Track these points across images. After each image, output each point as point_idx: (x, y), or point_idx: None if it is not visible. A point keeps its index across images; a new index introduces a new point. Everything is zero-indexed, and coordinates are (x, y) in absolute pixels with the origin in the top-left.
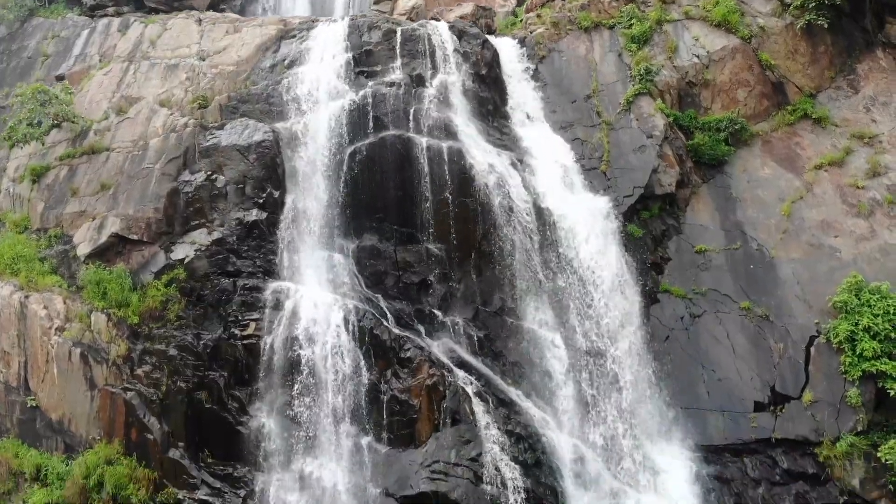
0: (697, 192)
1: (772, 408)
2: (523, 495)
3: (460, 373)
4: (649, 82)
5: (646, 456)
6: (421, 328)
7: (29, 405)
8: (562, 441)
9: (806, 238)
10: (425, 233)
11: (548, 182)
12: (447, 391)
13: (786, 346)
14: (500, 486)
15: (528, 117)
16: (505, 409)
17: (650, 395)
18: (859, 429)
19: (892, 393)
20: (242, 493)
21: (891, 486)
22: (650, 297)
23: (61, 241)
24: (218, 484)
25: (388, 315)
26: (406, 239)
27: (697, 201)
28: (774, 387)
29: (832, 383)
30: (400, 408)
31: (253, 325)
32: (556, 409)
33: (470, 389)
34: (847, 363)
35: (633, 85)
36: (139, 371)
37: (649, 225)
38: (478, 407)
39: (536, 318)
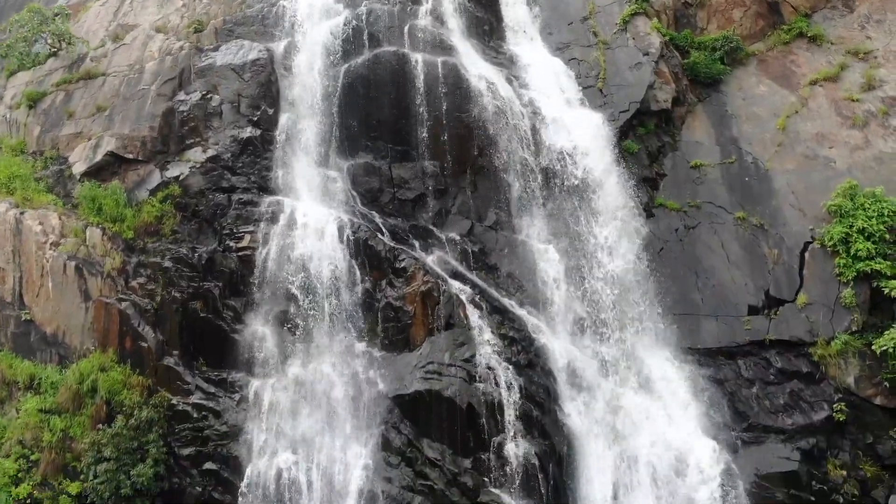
0: (693, 110)
1: (766, 311)
2: (516, 393)
3: (455, 283)
4: (645, 2)
5: (639, 360)
6: (416, 243)
7: (23, 319)
8: (555, 346)
9: (801, 150)
10: (420, 150)
11: (544, 98)
12: (441, 297)
13: (780, 252)
14: (493, 383)
15: (525, 37)
16: (499, 315)
17: (644, 303)
18: (854, 329)
19: (886, 291)
20: (237, 396)
21: (886, 384)
22: (646, 211)
23: (57, 162)
24: (212, 389)
25: (384, 230)
26: (401, 157)
27: (693, 119)
28: (769, 291)
29: (827, 286)
30: (394, 314)
31: (248, 237)
32: (550, 317)
33: (464, 297)
34: (841, 265)
35: (630, 5)
36: (134, 283)
37: (645, 141)
38: (472, 312)
39: (532, 232)
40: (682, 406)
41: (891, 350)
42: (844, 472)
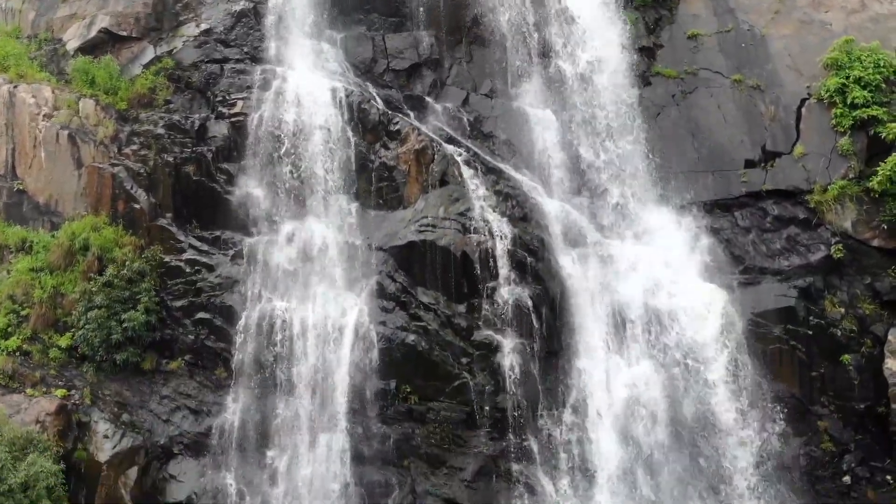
0: None
1: (762, 164)
2: (510, 242)
3: (449, 146)
4: None
5: (634, 214)
6: (410, 114)
7: (16, 189)
8: (550, 204)
9: (797, 16)
10: (415, 19)
11: None
12: (436, 155)
13: (776, 110)
14: (487, 234)
15: None
16: (494, 175)
17: (641, 162)
18: (851, 176)
19: (884, 135)
20: (230, 253)
21: (884, 226)
22: (643, 79)
23: (51, 42)
24: (205, 247)
25: (377, 99)
26: (395, 27)
27: None
28: (765, 146)
29: (823, 137)
30: (388, 174)
31: (240, 103)
32: (546, 180)
33: (459, 158)
34: (838, 114)
35: None
36: (126, 150)
37: (643, 12)
38: (466, 171)
39: (528, 99)
40: (678, 254)
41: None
42: (842, 310)
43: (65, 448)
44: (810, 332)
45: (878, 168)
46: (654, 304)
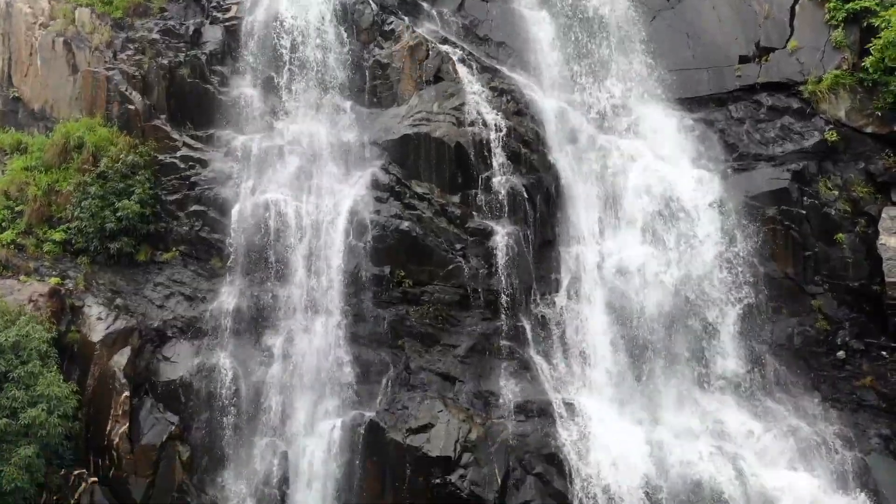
0: None
1: (756, 59)
2: (505, 134)
3: (444, 46)
4: None
5: (629, 109)
6: (405, 18)
7: (11, 97)
8: (546, 101)
9: None
10: None
11: None
12: (430, 52)
13: (770, 7)
14: (481, 125)
15: None
16: (489, 73)
17: (636, 61)
18: (844, 68)
19: (876, 24)
20: (224, 150)
21: (878, 113)
22: None
23: None
24: (199, 145)
25: (372, 1)
26: None
27: None
28: (759, 42)
29: (817, 31)
30: (382, 72)
31: (235, 7)
32: (541, 79)
33: (454, 56)
34: (831, 8)
35: None
36: (122, 55)
37: None
38: (461, 68)
39: (524, 1)
40: (672, 145)
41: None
42: (836, 192)
43: (58, 330)
44: (804, 212)
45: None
46: (647, 192)
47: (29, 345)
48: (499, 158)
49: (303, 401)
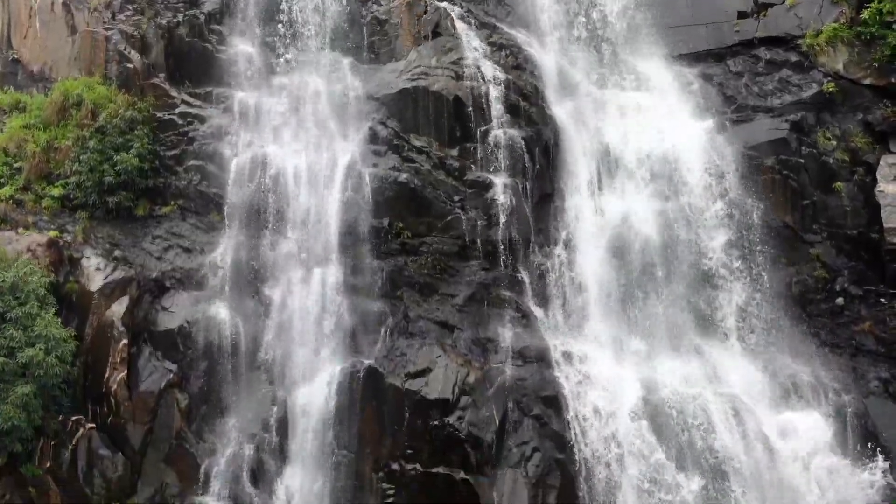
0: None
1: (755, 14)
2: (504, 87)
3: (442, 2)
4: None
5: (628, 66)
6: None
7: (11, 59)
8: (545, 57)
9: None
10: None
11: None
12: (428, 7)
13: None
14: (480, 79)
15: None
16: (488, 29)
17: (634, 18)
18: (842, 21)
19: None
20: (222, 106)
21: (875, 65)
22: None
23: None
24: (198, 102)
25: None
26: None
27: None
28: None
29: None
30: (380, 28)
31: None
32: (540, 37)
33: (453, 13)
34: None
35: None
36: (120, 16)
37: None
38: (459, 23)
39: None
40: (671, 98)
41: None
42: (834, 142)
43: (56, 280)
44: (802, 162)
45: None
46: (646, 144)
47: (27, 287)
48: (497, 111)
49: (301, 350)
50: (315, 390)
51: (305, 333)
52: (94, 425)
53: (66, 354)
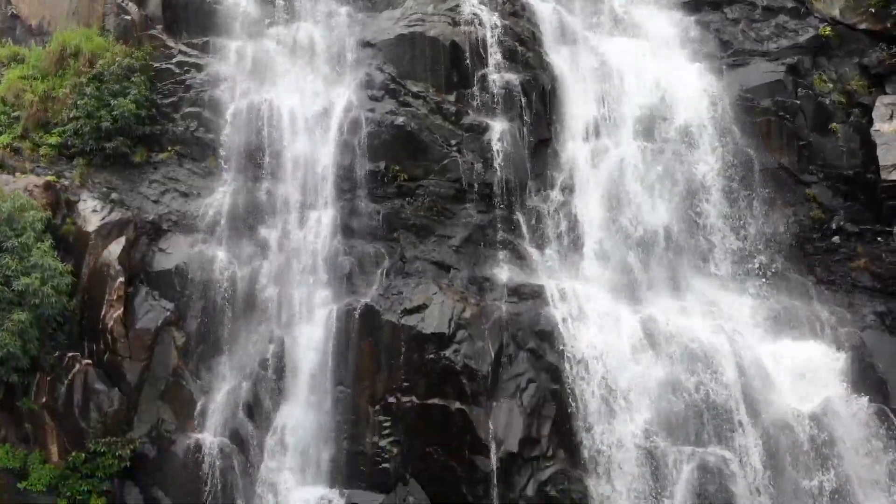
0: None
1: None
2: (501, 32)
3: None
4: None
5: (626, 11)
6: None
7: (9, 14)
8: (542, 5)
9: None
10: None
11: None
12: None
13: None
14: (477, 24)
15: None
16: None
17: None
18: None
19: None
20: (218, 56)
21: (871, 10)
22: None
23: None
24: (195, 52)
25: None
26: None
27: None
28: None
29: None
30: None
31: None
32: None
33: None
34: None
35: None
36: None
37: None
38: None
39: None
40: (668, 44)
41: None
42: (831, 85)
43: (53, 223)
44: (798, 103)
45: None
46: (643, 89)
47: (23, 219)
48: (494, 56)
49: (298, 291)
50: (312, 329)
51: (302, 275)
52: (90, 362)
53: (63, 286)
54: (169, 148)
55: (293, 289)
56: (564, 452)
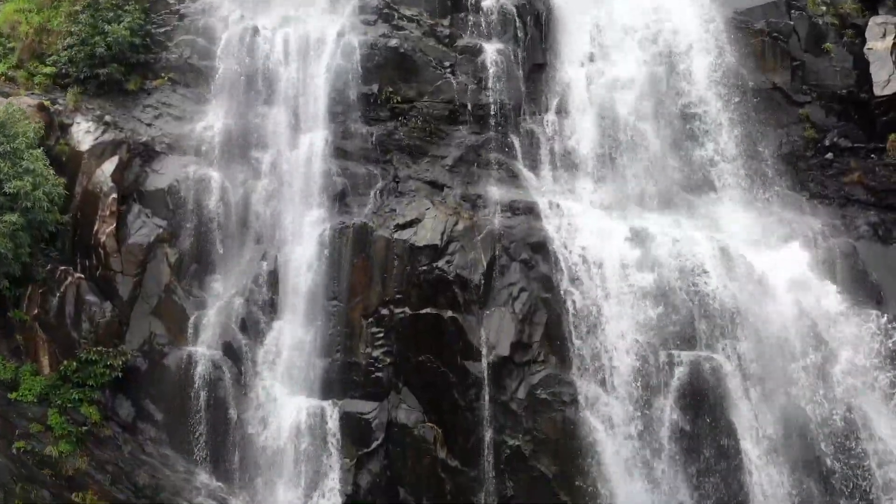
0: None
1: None
2: None
3: None
4: None
5: None
6: None
7: None
8: None
9: None
10: None
11: None
12: None
13: None
14: None
15: None
16: None
17: None
18: None
19: None
20: None
21: None
22: None
23: None
24: None
25: None
26: None
27: None
28: None
29: None
30: None
31: None
32: None
33: None
34: None
35: None
36: None
37: None
38: None
39: None
40: None
41: None
42: (824, 7)
43: (47, 143)
44: (792, 24)
45: None
46: (637, 12)
47: (16, 126)
48: None
49: (291, 211)
50: (305, 247)
51: (295, 195)
52: (82, 276)
53: (55, 195)
54: (163, 75)
55: (286, 209)
56: (555, 357)
